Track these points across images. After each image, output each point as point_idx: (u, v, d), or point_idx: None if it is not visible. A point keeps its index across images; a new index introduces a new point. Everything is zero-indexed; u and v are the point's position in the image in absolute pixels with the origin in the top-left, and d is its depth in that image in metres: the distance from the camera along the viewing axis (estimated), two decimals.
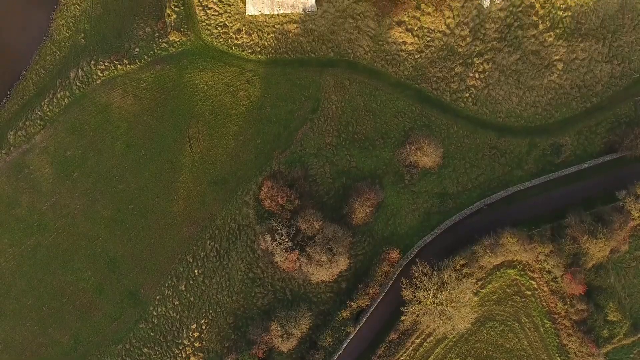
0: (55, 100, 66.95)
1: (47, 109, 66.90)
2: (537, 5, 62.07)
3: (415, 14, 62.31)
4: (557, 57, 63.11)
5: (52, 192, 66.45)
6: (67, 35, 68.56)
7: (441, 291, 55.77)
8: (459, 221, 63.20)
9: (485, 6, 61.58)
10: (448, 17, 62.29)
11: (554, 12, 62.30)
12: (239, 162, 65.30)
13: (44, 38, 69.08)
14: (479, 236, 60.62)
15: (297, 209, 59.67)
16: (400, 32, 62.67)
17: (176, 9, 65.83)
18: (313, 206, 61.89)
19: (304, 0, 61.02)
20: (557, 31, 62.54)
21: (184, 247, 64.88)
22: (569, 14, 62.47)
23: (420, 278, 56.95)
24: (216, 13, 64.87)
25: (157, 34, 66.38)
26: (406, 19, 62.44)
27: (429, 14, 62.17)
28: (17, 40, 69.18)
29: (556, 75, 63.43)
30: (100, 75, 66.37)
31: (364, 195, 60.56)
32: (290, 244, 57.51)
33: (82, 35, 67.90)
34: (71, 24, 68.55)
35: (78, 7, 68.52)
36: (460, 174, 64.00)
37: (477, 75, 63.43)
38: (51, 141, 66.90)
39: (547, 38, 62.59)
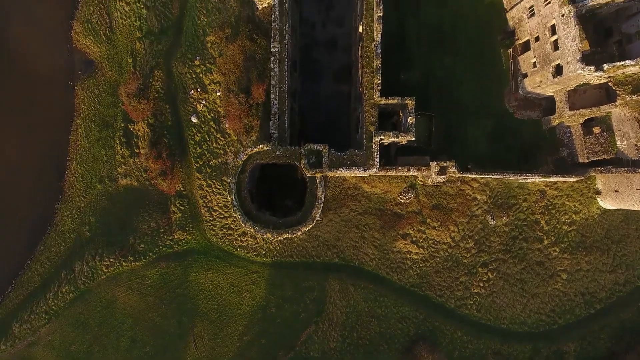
0: (60, 294, 67.16)
1: (52, 303, 67.14)
2: (542, 222, 62.20)
3: (421, 228, 62.41)
4: (561, 268, 63.30)
5: None
6: (72, 227, 68.48)
7: None
8: None
9: (490, 224, 61.69)
10: (453, 231, 62.40)
11: (559, 227, 62.42)
12: None
13: (49, 228, 69.08)
14: None
15: None
16: (405, 244, 62.80)
17: (181, 207, 65.79)
18: None
19: None
20: (562, 245, 62.69)
21: None
22: (574, 228, 62.59)
23: None
24: (221, 216, 64.82)
25: (162, 230, 66.33)
26: (411, 232, 62.56)
27: (434, 228, 62.28)
28: (21, 229, 69.13)
29: (560, 284, 63.66)
30: (105, 271, 66.55)
31: None
32: None
33: (87, 227, 67.79)
34: (76, 215, 68.49)
35: (83, 198, 68.46)
36: None
37: (481, 284, 63.67)
38: (56, 335, 67.19)
39: (551, 252, 62.76)
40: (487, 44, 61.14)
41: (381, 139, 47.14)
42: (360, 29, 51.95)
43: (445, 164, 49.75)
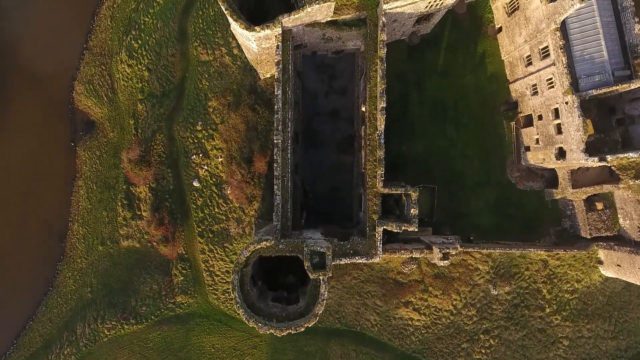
0: (62, 356, 67.18)
1: None
2: (544, 291, 62.21)
3: (423, 296, 62.44)
4: (563, 335, 63.36)
5: None
6: (74, 288, 68.44)
7: None
8: None
9: (492, 293, 61.72)
10: (455, 299, 62.44)
11: (560, 295, 62.44)
12: None
13: (50, 289, 69.02)
14: None
15: None
16: (407, 311, 62.83)
17: (183, 270, 65.75)
18: None
19: None
20: (564, 313, 62.72)
21: None
22: (576, 296, 62.60)
23: None
24: (223, 280, 64.87)
25: (164, 293, 66.30)
26: (413, 300, 62.57)
27: (436, 296, 62.29)
28: (23, 290, 69.09)
29: (562, 350, 63.73)
30: (107, 333, 66.56)
31: None
32: None
33: (89, 289, 67.75)
34: (77, 277, 68.46)
35: (84, 260, 68.39)
36: None
37: (483, 350, 63.72)
38: None
39: (553, 320, 62.82)
40: (490, 115, 61.02)
41: (384, 229, 47.07)
42: (363, 108, 51.92)
43: (448, 250, 49.72)
